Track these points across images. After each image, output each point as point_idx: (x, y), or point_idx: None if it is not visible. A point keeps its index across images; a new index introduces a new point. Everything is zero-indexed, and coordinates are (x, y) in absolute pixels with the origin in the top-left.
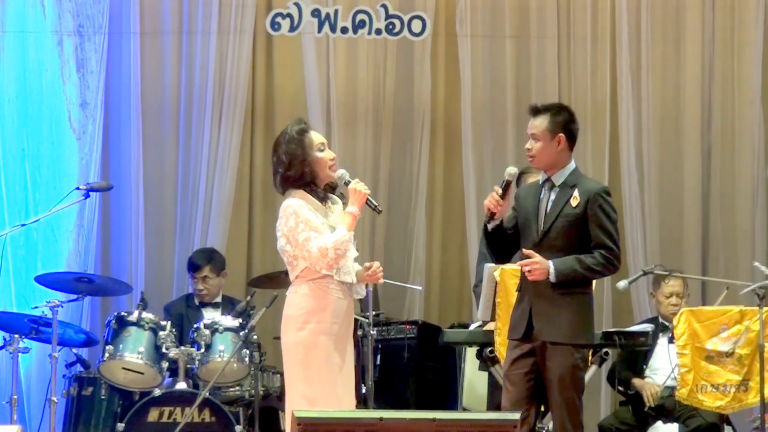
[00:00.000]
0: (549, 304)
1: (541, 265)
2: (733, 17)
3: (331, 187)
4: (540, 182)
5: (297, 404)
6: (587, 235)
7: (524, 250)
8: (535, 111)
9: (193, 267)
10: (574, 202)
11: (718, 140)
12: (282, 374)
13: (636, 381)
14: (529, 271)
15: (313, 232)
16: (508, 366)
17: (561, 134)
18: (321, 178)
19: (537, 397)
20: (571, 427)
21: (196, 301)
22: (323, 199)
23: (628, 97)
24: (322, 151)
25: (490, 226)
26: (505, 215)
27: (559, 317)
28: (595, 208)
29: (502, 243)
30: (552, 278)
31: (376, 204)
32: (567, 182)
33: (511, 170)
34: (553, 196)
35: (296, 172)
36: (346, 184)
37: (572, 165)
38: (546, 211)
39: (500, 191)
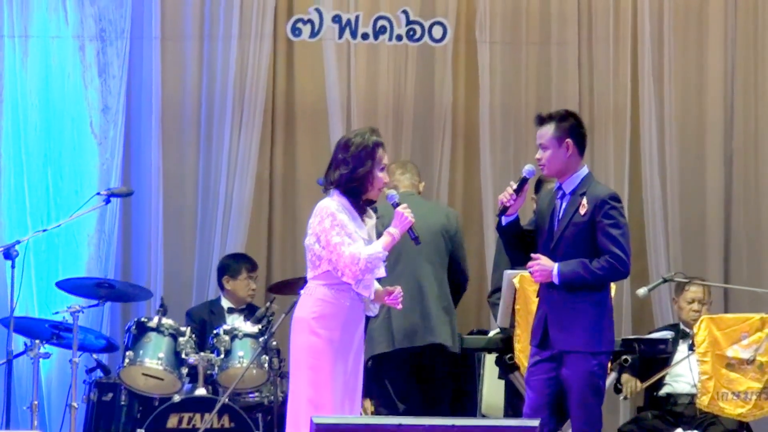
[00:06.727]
0: (564, 311)
1: (542, 267)
2: (756, 20)
3: (369, 202)
4: (554, 189)
5: (303, 408)
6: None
7: (532, 254)
8: (541, 120)
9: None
10: (582, 210)
11: (740, 144)
12: None
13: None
14: (531, 272)
15: (347, 238)
16: (528, 372)
17: (568, 140)
18: (369, 195)
19: (558, 404)
20: None
21: (233, 305)
22: (361, 212)
23: (650, 100)
24: (382, 171)
25: (503, 221)
26: (529, 219)
27: (574, 325)
28: (601, 215)
29: (516, 241)
30: (555, 280)
31: (416, 235)
32: (577, 190)
33: (529, 167)
34: (564, 204)
35: (357, 180)
36: (394, 206)
37: (583, 171)
38: (558, 219)
39: (515, 186)
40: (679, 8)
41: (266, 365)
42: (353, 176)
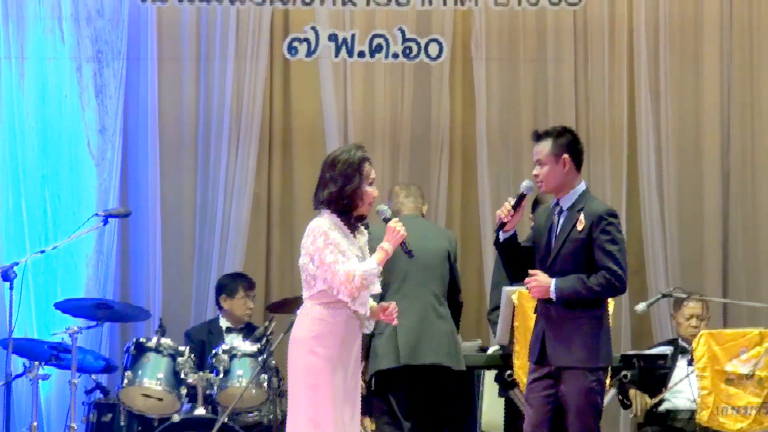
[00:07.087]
0: (560, 328)
1: (539, 283)
2: (751, 37)
3: (361, 218)
4: (551, 206)
5: (302, 427)
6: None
7: (530, 270)
8: (538, 136)
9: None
10: (579, 227)
11: (737, 161)
12: None
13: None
14: (529, 288)
15: (341, 256)
16: (528, 389)
17: (566, 155)
18: (360, 211)
19: (558, 421)
20: None
21: (231, 325)
22: (353, 229)
23: (647, 118)
24: (371, 185)
25: (501, 236)
26: (527, 235)
27: (571, 341)
28: (598, 231)
29: (514, 257)
30: (552, 296)
31: (410, 248)
32: (574, 206)
33: (527, 183)
34: (561, 220)
35: (347, 197)
36: (386, 220)
37: (581, 187)
38: (555, 235)
39: (513, 202)
40: (675, 26)
41: (265, 384)
42: (342, 193)
